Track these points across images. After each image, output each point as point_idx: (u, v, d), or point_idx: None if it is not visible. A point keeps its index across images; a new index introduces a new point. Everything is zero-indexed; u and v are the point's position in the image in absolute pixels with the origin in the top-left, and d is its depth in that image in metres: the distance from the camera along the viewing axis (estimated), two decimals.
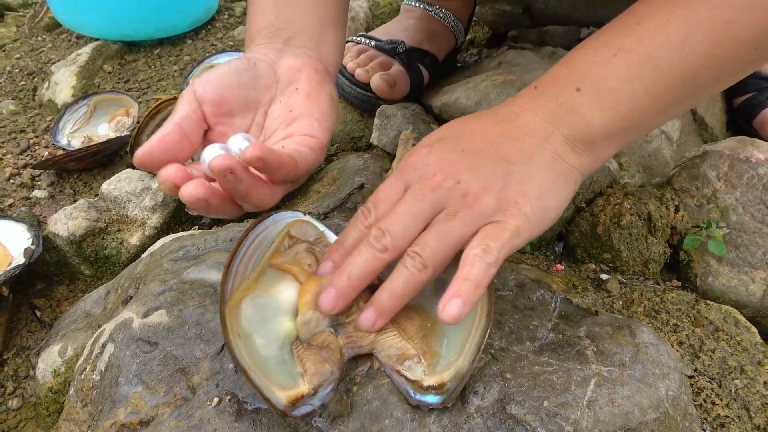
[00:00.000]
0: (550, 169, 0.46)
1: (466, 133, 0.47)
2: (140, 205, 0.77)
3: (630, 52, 0.44)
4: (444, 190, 0.45)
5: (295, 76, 0.53)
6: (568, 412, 0.45)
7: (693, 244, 0.65)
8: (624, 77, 0.45)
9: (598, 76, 0.45)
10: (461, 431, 0.44)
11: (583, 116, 0.46)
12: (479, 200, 0.44)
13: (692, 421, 0.48)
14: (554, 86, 0.47)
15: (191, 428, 0.45)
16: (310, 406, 0.44)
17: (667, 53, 0.44)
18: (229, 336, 0.44)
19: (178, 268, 0.59)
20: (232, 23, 1.31)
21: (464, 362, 0.44)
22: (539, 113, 0.47)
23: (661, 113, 0.47)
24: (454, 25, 0.96)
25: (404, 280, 0.44)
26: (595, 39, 0.47)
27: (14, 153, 0.95)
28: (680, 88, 0.45)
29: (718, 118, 0.95)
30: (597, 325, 0.53)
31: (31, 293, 0.75)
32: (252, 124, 0.53)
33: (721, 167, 0.70)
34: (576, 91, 0.46)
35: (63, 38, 1.26)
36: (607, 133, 0.46)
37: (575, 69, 0.47)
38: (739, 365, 0.55)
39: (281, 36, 0.55)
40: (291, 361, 0.46)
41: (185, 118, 0.48)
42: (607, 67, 0.45)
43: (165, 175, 0.44)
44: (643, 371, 0.48)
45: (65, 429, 0.51)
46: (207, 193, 0.43)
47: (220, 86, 0.51)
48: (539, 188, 0.45)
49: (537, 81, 0.49)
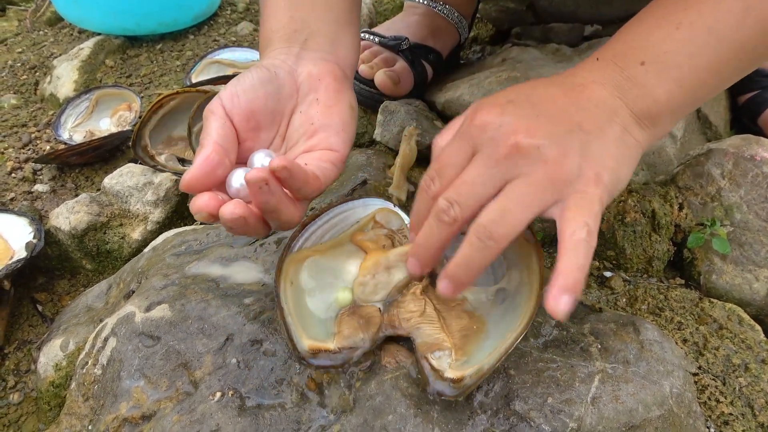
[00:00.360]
0: (621, 143, 0.44)
1: (536, 98, 0.45)
2: (142, 200, 0.76)
3: (692, 25, 0.44)
4: (522, 155, 0.41)
5: (315, 84, 0.53)
6: (572, 408, 0.44)
7: (697, 242, 0.65)
8: (687, 51, 0.44)
9: (661, 51, 0.45)
10: (465, 427, 0.44)
11: (649, 91, 0.45)
12: (562, 167, 0.41)
13: (696, 418, 0.48)
14: (618, 59, 0.46)
15: (193, 423, 0.45)
16: (328, 361, 0.46)
17: (729, 25, 0.43)
18: (281, 279, 0.48)
19: (180, 263, 0.59)
20: (235, 19, 1.30)
21: (488, 361, 0.44)
22: (606, 86, 0.45)
23: (718, 86, 0.47)
24: (457, 21, 0.96)
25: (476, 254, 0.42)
26: (650, 13, 0.46)
27: (16, 147, 0.95)
28: (741, 59, 0.45)
29: (722, 116, 0.95)
30: (601, 322, 0.53)
31: (32, 287, 0.75)
32: (276, 136, 0.53)
33: (726, 165, 0.70)
34: (641, 65, 0.45)
35: (65, 32, 1.26)
36: (670, 108, 0.46)
37: (636, 43, 0.46)
38: (744, 363, 0.55)
39: (297, 39, 0.54)
40: (331, 324, 0.48)
41: (223, 138, 0.48)
42: (670, 41, 0.44)
43: (200, 204, 0.45)
44: (648, 368, 0.48)
45: (67, 423, 0.51)
46: (246, 212, 0.44)
47: (249, 99, 0.50)
48: (615, 160, 0.44)
49: (598, 53, 0.48)
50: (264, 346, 0.49)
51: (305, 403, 0.46)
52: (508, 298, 0.49)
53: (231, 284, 0.56)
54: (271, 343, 0.49)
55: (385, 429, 0.44)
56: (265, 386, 0.47)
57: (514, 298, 0.49)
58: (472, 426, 0.44)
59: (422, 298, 0.50)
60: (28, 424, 0.63)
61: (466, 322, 0.49)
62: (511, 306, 0.49)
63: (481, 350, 0.46)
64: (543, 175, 0.41)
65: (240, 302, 0.53)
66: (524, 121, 0.42)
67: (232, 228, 0.45)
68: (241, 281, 0.56)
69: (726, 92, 0.97)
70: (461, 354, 0.46)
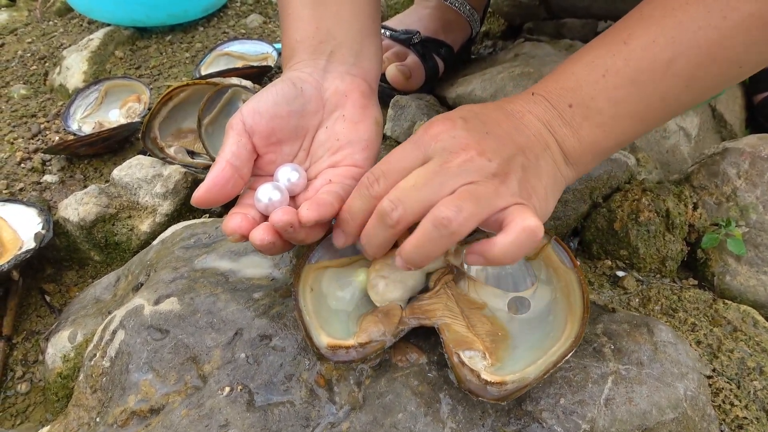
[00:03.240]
0: (551, 176, 0.47)
1: (485, 118, 0.47)
2: (151, 192, 0.76)
3: (617, 74, 0.45)
4: (474, 166, 0.43)
5: (342, 101, 0.54)
6: (584, 410, 0.44)
7: (711, 242, 0.64)
8: (611, 99, 0.46)
9: (587, 96, 0.46)
10: (476, 426, 0.43)
11: (575, 131, 0.47)
12: (507, 182, 0.43)
13: (710, 422, 0.47)
14: (550, 98, 0.48)
15: (202, 417, 0.45)
16: (349, 356, 0.46)
17: (652, 76, 0.45)
18: (299, 284, 0.49)
19: (189, 256, 0.59)
20: (245, 11, 1.30)
21: (534, 371, 0.43)
22: (540, 119, 0.48)
23: (642, 131, 0.49)
24: (469, 14, 0.95)
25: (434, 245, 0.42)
26: (586, 53, 0.48)
27: (25, 137, 0.94)
28: (662, 109, 0.47)
29: (738, 115, 0.94)
30: (614, 322, 0.52)
31: (40, 278, 0.75)
32: (299, 150, 0.54)
33: (742, 165, 0.69)
34: (569, 107, 0.47)
35: (74, 23, 1.26)
36: (594, 150, 0.48)
37: (567, 84, 0.48)
38: (758, 366, 0.54)
39: (323, 51, 0.55)
40: (354, 326, 0.48)
41: (236, 156, 0.49)
42: (596, 87, 0.46)
43: (233, 227, 0.47)
44: (662, 370, 0.47)
45: (74, 415, 0.51)
46: (274, 237, 0.46)
47: (271, 116, 0.51)
48: (545, 190, 0.46)
49: (533, 88, 0.50)
50: (273, 342, 0.49)
51: (314, 400, 0.46)
52: (536, 313, 0.50)
53: (240, 278, 0.55)
54: (280, 338, 0.49)
55: (395, 427, 0.43)
56: (274, 382, 0.47)
57: (545, 315, 0.49)
58: (482, 425, 0.43)
59: (446, 292, 0.50)
60: (36, 414, 0.63)
61: (490, 327, 0.48)
62: (543, 322, 0.49)
63: (514, 359, 0.45)
64: (491, 185, 0.43)
65: (249, 297, 0.53)
66: (476, 136, 0.44)
67: (261, 250, 0.47)
68: (251, 276, 0.55)
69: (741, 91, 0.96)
70: (495, 359, 0.46)
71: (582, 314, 0.47)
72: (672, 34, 0.43)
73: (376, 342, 0.46)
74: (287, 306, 0.52)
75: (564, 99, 0.47)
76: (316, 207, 0.46)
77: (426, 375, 0.46)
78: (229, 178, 0.48)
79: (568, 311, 0.48)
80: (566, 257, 0.51)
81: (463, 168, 0.43)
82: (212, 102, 0.77)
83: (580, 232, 0.69)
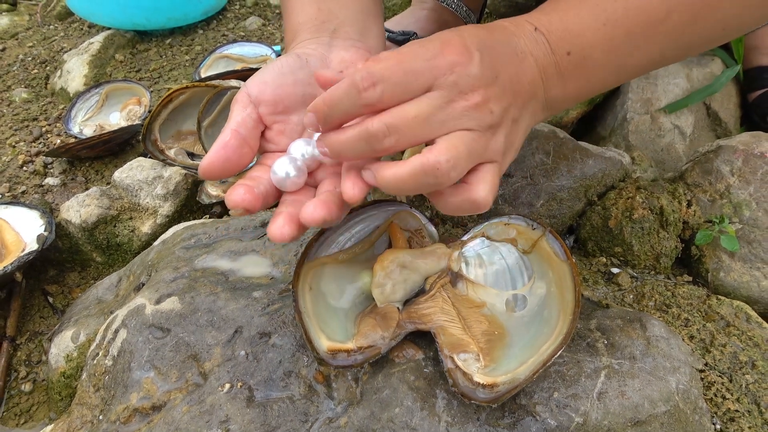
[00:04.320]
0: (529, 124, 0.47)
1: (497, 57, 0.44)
2: (152, 194, 0.77)
3: (615, 23, 0.45)
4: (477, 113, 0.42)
5: (349, 68, 0.52)
6: (578, 403, 0.45)
7: (705, 239, 0.65)
8: (606, 49, 0.46)
9: (587, 44, 0.46)
10: (470, 420, 0.44)
11: (564, 82, 0.47)
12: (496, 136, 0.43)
13: (702, 414, 0.48)
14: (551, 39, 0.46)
15: (203, 413, 0.46)
16: (348, 360, 0.46)
17: (645, 30, 0.45)
18: (299, 284, 0.49)
19: (189, 256, 0.60)
20: (243, 13, 1.31)
21: (524, 371, 0.44)
22: (537, 64, 0.46)
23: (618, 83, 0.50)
24: (466, 15, 0.96)
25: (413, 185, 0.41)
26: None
27: (27, 141, 0.95)
28: (644, 64, 0.48)
29: (732, 113, 0.94)
30: (608, 318, 0.53)
31: (43, 279, 0.76)
32: None
33: (735, 162, 0.70)
34: (567, 54, 0.46)
35: (75, 27, 1.27)
36: (573, 99, 0.49)
37: (570, 27, 0.46)
38: (751, 360, 0.55)
39: (326, 29, 0.54)
40: (351, 326, 0.49)
41: (242, 124, 0.47)
42: (596, 36, 0.46)
43: (235, 199, 0.43)
44: (654, 364, 0.48)
45: (78, 413, 0.52)
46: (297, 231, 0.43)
47: (276, 85, 0.50)
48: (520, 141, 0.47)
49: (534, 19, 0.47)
50: (272, 339, 0.50)
51: (313, 396, 0.46)
52: (532, 308, 0.50)
53: (240, 277, 0.56)
54: (279, 336, 0.50)
55: (391, 421, 0.44)
56: (273, 378, 0.47)
57: (540, 310, 0.50)
58: (477, 419, 0.44)
59: (442, 295, 0.50)
60: (39, 413, 0.64)
61: (487, 326, 0.49)
62: (537, 317, 0.49)
63: (509, 358, 0.46)
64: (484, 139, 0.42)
65: (249, 295, 0.54)
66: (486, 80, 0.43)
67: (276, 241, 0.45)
68: (250, 275, 0.56)
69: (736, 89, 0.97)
70: (489, 360, 0.46)
71: (573, 309, 0.47)
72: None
73: (376, 346, 0.47)
74: (286, 304, 0.53)
75: (564, 44, 0.46)
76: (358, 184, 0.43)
77: (422, 371, 0.47)
78: (235, 147, 0.46)
79: (561, 306, 0.48)
80: (560, 249, 0.52)
81: (465, 113, 0.42)
82: (212, 104, 0.78)
83: (576, 230, 0.69)
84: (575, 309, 0.47)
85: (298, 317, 0.48)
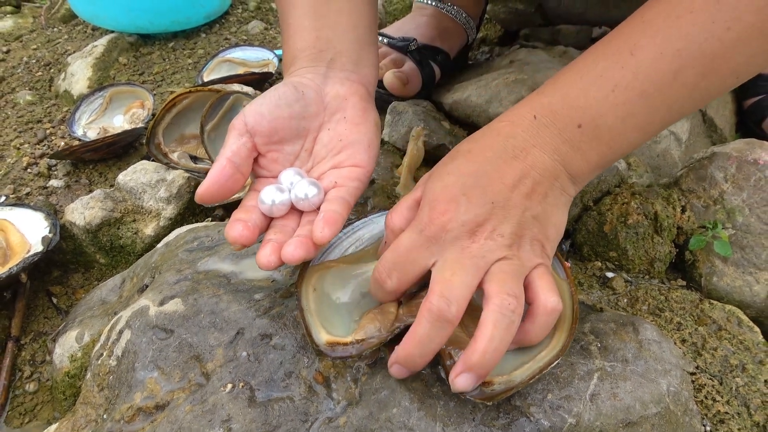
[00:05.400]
0: (560, 205, 0.49)
1: (485, 181, 0.47)
2: (155, 196, 0.78)
3: (626, 88, 0.45)
4: (489, 246, 0.45)
5: (342, 104, 0.56)
6: (571, 404, 0.46)
7: (699, 244, 0.66)
8: (621, 115, 0.46)
9: (597, 114, 0.46)
10: (467, 421, 0.45)
11: (584, 154, 0.48)
12: (521, 250, 0.46)
13: (693, 416, 0.49)
14: (555, 119, 0.48)
15: (205, 413, 0.47)
16: (346, 352, 0.48)
17: (660, 88, 0.45)
18: (302, 285, 0.51)
19: (192, 259, 0.61)
20: (246, 17, 1.32)
21: (520, 375, 0.46)
22: (546, 150, 0.48)
23: (643, 141, 0.50)
24: (465, 22, 0.97)
25: (504, 332, 0.43)
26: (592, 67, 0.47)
27: (31, 143, 0.97)
28: (666, 119, 0.48)
29: (728, 119, 0.96)
30: (601, 321, 0.54)
31: (47, 280, 0.77)
32: (301, 150, 0.56)
33: (729, 169, 0.71)
34: (578, 128, 0.47)
35: (79, 30, 1.28)
36: (599, 166, 0.49)
37: (574, 103, 0.47)
38: (741, 364, 0.56)
39: (324, 58, 0.57)
40: (353, 323, 0.50)
41: (236, 153, 0.51)
42: (606, 103, 0.46)
43: (234, 236, 0.49)
44: (646, 367, 0.49)
45: (82, 412, 0.53)
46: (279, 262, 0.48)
47: (273, 118, 0.53)
48: (555, 228, 0.49)
49: (533, 107, 0.49)
50: (273, 341, 0.51)
51: (313, 396, 0.48)
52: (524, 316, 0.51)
53: (242, 280, 0.57)
54: (280, 337, 0.51)
55: (389, 421, 0.45)
56: (274, 379, 0.49)
57: None
58: (473, 419, 0.45)
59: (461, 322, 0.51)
60: (44, 413, 0.65)
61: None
62: None
63: (502, 360, 0.47)
64: (512, 259, 0.45)
65: (250, 297, 0.55)
66: (482, 214, 0.46)
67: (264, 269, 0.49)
68: (252, 277, 0.57)
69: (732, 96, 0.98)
70: None
71: (571, 325, 0.49)
72: (678, 45, 0.44)
73: (372, 338, 0.48)
74: (287, 306, 0.54)
75: (573, 120, 0.47)
76: (329, 225, 0.48)
77: (420, 372, 0.48)
78: (229, 176, 0.50)
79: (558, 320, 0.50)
80: (560, 269, 0.53)
81: (480, 253, 0.45)
82: (215, 108, 0.79)
83: (572, 235, 0.71)
84: (572, 325, 0.49)
85: (300, 314, 0.49)
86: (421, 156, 0.77)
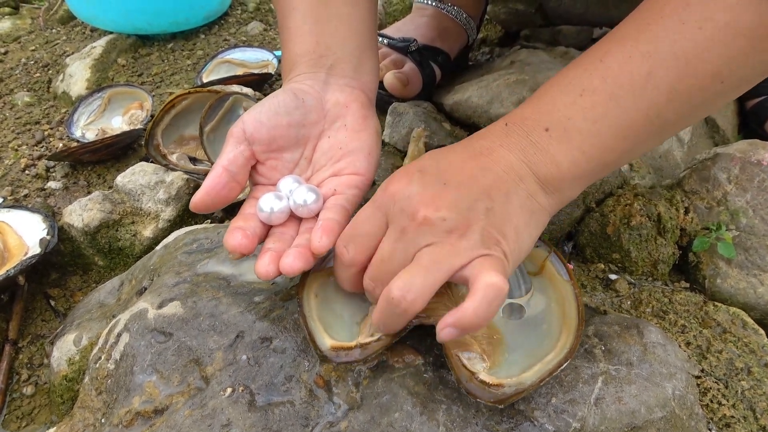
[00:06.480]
0: (525, 209, 0.46)
1: (445, 165, 0.47)
2: (154, 198, 0.78)
3: (594, 91, 0.45)
4: (429, 226, 0.44)
5: (342, 111, 0.56)
6: (575, 408, 0.45)
7: (702, 246, 0.66)
8: (590, 117, 0.45)
9: (564, 117, 0.46)
10: (469, 425, 0.45)
11: (552, 156, 0.46)
12: (466, 235, 0.44)
13: (698, 420, 0.49)
14: (524, 125, 0.47)
15: (205, 417, 0.46)
16: (351, 357, 0.48)
17: (631, 90, 0.44)
18: (304, 292, 0.51)
19: (191, 261, 0.60)
20: (245, 18, 1.31)
21: (530, 377, 0.45)
22: (512, 150, 0.47)
23: (628, 151, 0.47)
24: (466, 22, 0.97)
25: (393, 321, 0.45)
26: (563, 77, 0.47)
27: (29, 144, 0.96)
28: (645, 125, 0.45)
29: (730, 120, 0.95)
30: (605, 324, 0.53)
31: (45, 283, 0.77)
32: (301, 158, 0.55)
33: (732, 170, 0.70)
34: (545, 131, 0.46)
35: (77, 31, 1.28)
36: (574, 174, 0.47)
37: (543, 108, 0.47)
38: (746, 367, 0.55)
39: (323, 64, 0.56)
40: (356, 329, 0.50)
41: (233, 162, 0.51)
42: (573, 107, 0.45)
43: (232, 245, 0.49)
44: (651, 370, 0.48)
45: (80, 416, 0.52)
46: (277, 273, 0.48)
47: (272, 125, 0.53)
48: (515, 230, 0.45)
49: (506, 117, 0.49)
50: (274, 344, 0.50)
51: (314, 400, 0.47)
52: (529, 319, 0.51)
53: (241, 282, 0.57)
54: (280, 340, 0.50)
55: (391, 426, 0.45)
56: (274, 383, 0.48)
57: (539, 323, 0.51)
58: (476, 424, 0.45)
59: (446, 293, 0.51)
60: (41, 416, 0.64)
61: (486, 330, 0.50)
62: (536, 329, 0.50)
63: (509, 363, 0.46)
64: (448, 244, 0.43)
65: (250, 300, 0.54)
66: (431, 190, 0.45)
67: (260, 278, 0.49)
68: (252, 280, 0.57)
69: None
70: (492, 362, 0.47)
71: (577, 326, 0.48)
72: (647, 48, 0.43)
73: (376, 342, 0.47)
74: (287, 309, 0.53)
75: (540, 123, 0.46)
76: (327, 234, 0.48)
77: (422, 376, 0.48)
78: (224, 184, 0.50)
79: (563, 322, 0.49)
80: (564, 271, 0.53)
81: (420, 231, 0.44)
82: (214, 110, 0.79)
83: (574, 236, 0.70)
84: (579, 326, 0.48)
85: (302, 320, 0.49)
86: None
